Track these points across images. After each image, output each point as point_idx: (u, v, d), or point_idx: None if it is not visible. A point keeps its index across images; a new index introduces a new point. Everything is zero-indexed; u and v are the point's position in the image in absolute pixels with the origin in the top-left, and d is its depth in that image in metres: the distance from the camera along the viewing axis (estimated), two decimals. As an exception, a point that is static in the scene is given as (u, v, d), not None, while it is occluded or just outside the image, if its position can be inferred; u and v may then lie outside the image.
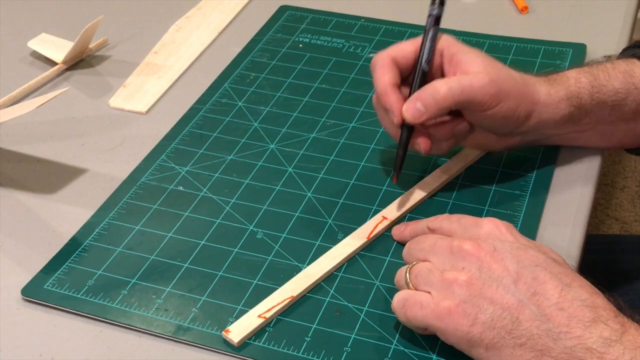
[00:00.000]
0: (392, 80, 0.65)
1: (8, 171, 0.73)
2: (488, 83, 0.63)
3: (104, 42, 0.90)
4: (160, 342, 0.58)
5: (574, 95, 0.66)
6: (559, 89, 0.66)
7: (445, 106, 0.63)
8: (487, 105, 0.63)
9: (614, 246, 0.88)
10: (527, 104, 0.65)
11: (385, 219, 0.65)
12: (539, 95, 0.65)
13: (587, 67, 0.68)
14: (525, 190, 0.68)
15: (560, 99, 0.66)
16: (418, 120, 0.63)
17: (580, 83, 0.66)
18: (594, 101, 0.66)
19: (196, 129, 0.77)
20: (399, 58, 0.66)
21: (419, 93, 0.63)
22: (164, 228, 0.66)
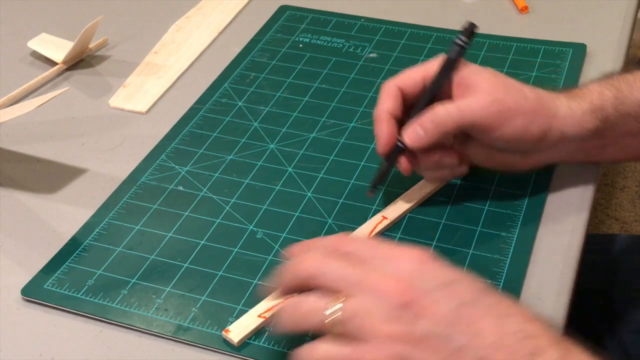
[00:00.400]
0: (390, 110, 0.64)
1: (8, 171, 0.73)
2: (490, 104, 0.61)
3: (104, 42, 0.90)
4: (160, 342, 0.58)
5: (599, 108, 0.64)
6: (582, 103, 0.64)
7: (445, 130, 0.62)
8: (491, 126, 0.62)
9: (614, 246, 0.87)
10: (540, 120, 0.63)
11: (385, 218, 0.65)
12: (559, 109, 0.64)
13: (609, 80, 0.67)
14: (525, 190, 0.68)
15: (583, 112, 0.64)
16: (417, 144, 0.63)
17: (604, 96, 0.65)
18: (618, 113, 0.65)
19: (196, 129, 0.77)
20: (406, 86, 0.65)
21: (419, 118, 0.63)
22: (164, 228, 0.66)
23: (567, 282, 0.60)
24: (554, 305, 0.59)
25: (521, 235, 0.64)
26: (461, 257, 0.62)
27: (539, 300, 0.59)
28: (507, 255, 0.62)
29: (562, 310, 0.58)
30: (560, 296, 0.59)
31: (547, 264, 0.62)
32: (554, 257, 0.62)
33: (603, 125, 0.65)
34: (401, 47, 0.87)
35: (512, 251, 0.62)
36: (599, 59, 0.84)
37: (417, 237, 0.64)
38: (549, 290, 0.60)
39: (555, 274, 0.61)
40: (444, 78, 0.64)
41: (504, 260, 0.62)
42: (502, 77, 0.64)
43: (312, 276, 0.51)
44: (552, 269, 0.61)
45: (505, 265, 0.61)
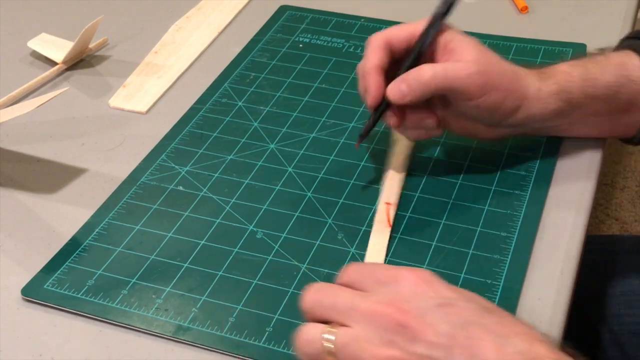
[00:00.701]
0: (379, 63, 0.65)
1: (8, 171, 0.73)
2: (475, 73, 0.63)
3: (104, 42, 0.90)
4: (160, 342, 0.58)
5: (564, 90, 0.66)
6: (550, 84, 0.66)
7: (429, 90, 0.63)
8: (472, 95, 0.63)
9: (613, 246, 0.87)
10: (514, 97, 0.65)
11: (389, 204, 0.66)
12: (529, 89, 0.65)
13: (580, 61, 0.68)
14: (525, 190, 0.68)
15: (550, 93, 0.65)
16: (401, 101, 0.64)
17: (571, 77, 0.66)
18: (584, 95, 0.66)
19: (196, 129, 0.77)
20: (394, 41, 0.66)
21: (405, 75, 0.64)
22: (164, 228, 0.66)
23: (567, 282, 0.60)
24: (553, 305, 0.59)
25: (521, 235, 0.64)
26: (461, 257, 0.62)
27: (539, 300, 0.59)
28: (507, 255, 0.62)
29: (562, 311, 0.58)
30: (560, 296, 0.59)
31: (547, 264, 0.62)
32: (554, 257, 0.62)
33: (567, 107, 0.66)
34: (401, 47, 0.87)
35: (512, 251, 0.62)
36: (599, 59, 0.84)
37: (417, 237, 0.64)
38: (549, 290, 0.60)
39: (555, 274, 0.61)
40: (431, 36, 0.65)
41: (504, 260, 0.62)
42: (485, 48, 0.66)
43: (310, 308, 0.51)
44: (552, 269, 0.61)
45: (505, 265, 0.61)
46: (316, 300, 0.51)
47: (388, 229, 0.65)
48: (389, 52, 0.66)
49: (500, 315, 0.49)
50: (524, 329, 0.48)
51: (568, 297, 0.59)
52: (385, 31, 0.67)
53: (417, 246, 0.63)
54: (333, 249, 0.64)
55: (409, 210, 0.67)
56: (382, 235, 0.64)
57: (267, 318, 0.58)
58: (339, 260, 0.63)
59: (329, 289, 0.51)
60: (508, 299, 0.59)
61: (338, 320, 0.49)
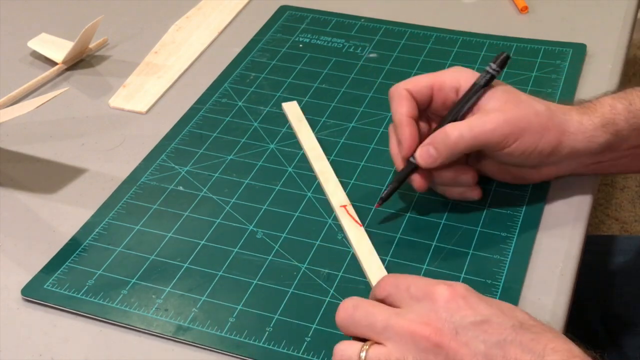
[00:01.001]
0: (410, 113, 0.64)
1: (8, 171, 0.73)
2: (502, 124, 0.61)
3: (104, 42, 0.90)
4: (160, 342, 0.58)
5: (610, 122, 0.64)
6: (592, 117, 0.64)
7: (458, 151, 0.62)
8: (503, 145, 0.62)
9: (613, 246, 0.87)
10: (550, 137, 0.63)
11: (345, 206, 0.66)
12: (569, 125, 0.63)
13: (622, 93, 0.66)
14: (525, 190, 0.68)
15: (594, 126, 0.64)
16: (431, 165, 0.63)
17: (616, 109, 0.64)
18: (630, 127, 0.64)
19: (196, 129, 0.77)
20: (414, 92, 0.65)
21: (431, 138, 0.63)
22: (164, 228, 0.66)
23: (567, 283, 0.60)
24: (553, 305, 0.59)
25: (521, 235, 0.64)
26: (461, 257, 0.62)
27: (539, 301, 0.59)
28: (507, 255, 0.62)
29: (562, 311, 0.58)
30: (560, 296, 0.59)
31: (547, 264, 0.62)
32: (554, 257, 0.62)
33: (614, 139, 0.64)
34: (401, 47, 0.87)
35: (512, 251, 0.62)
36: (599, 59, 0.84)
37: (417, 238, 0.64)
38: (549, 290, 0.60)
39: (555, 274, 0.61)
40: (469, 105, 0.64)
41: (504, 260, 0.62)
42: (514, 92, 0.64)
43: (345, 326, 0.51)
44: (552, 270, 0.61)
45: (505, 265, 0.61)
46: (351, 317, 0.51)
47: (361, 228, 0.65)
48: (414, 102, 0.65)
49: (535, 331, 0.48)
50: (560, 345, 0.47)
51: (568, 297, 0.59)
52: (407, 82, 0.66)
53: (417, 246, 0.63)
54: (333, 249, 0.64)
55: (409, 210, 0.67)
56: (361, 238, 0.64)
57: (267, 318, 0.58)
58: (339, 260, 0.63)
59: (364, 306, 0.51)
60: (508, 299, 0.58)
61: (373, 339, 0.50)
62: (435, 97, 0.65)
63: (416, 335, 0.48)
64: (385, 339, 0.49)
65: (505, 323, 0.48)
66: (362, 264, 0.62)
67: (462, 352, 0.47)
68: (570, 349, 0.47)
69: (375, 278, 0.60)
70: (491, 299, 0.51)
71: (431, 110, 0.67)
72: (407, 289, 0.51)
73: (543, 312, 0.58)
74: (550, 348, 0.47)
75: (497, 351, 0.47)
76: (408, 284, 0.52)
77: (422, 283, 0.51)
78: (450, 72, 0.66)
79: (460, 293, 0.50)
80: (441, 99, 0.65)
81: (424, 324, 0.48)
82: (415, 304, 0.50)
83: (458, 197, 0.67)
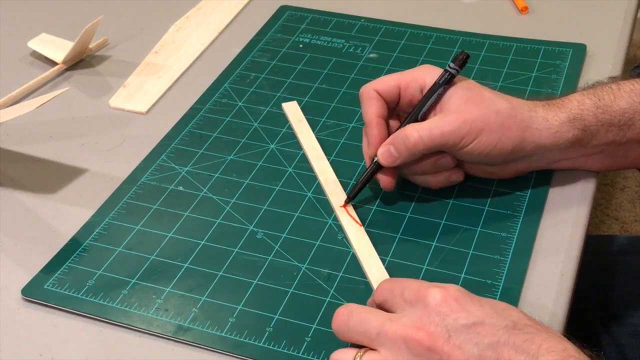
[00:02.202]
0: (378, 113, 0.66)
1: (8, 171, 0.73)
2: (460, 125, 0.62)
3: (104, 42, 0.90)
4: (160, 342, 0.58)
5: (577, 117, 0.64)
6: (559, 113, 0.64)
7: (417, 152, 0.64)
8: (461, 145, 0.63)
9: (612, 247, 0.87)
10: (511, 134, 0.63)
11: (344, 206, 0.67)
12: (533, 121, 0.64)
13: (591, 89, 0.67)
14: (525, 190, 0.68)
15: (561, 122, 0.64)
16: (392, 164, 0.64)
17: (584, 105, 0.65)
18: (599, 122, 0.65)
19: (196, 129, 0.77)
20: (383, 92, 0.66)
21: (392, 138, 0.64)
22: (164, 228, 0.66)
23: (567, 283, 0.60)
24: (553, 305, 0.59)
25: (521, 235, 0.64)
26: (461, 258, 0.62)
27: (539, 301, 0.59)
28: (507, 255, 0.62)
29: (562, 311, 0.58)
30: (560, 296, 0.59)
31: (547, 264, 0.62)
32: (554, 257, 0.62)
33: (583, 135, 0.65)
34: (401, 48, 0.87)
35: (512, 251, 0.63)
36: (599, 59, 0.84)
37: (417, 238, 0.64)
38: (549, 290, 0.60)
39: (555, 274, 0.61)
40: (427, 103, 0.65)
41: (504, 260, 0.62)
42: (476, 90, 0.65)
43: (340, 333, 0.52)
44: (552, 270, 0.61)
45: (505, 265, 0.61)
46: (345, 324, 0.51)
47: (361, 228, 0.65)
48: (383, 101, 0.66)
49: (529, 331, 0.48)
50: (555, 345, 0.47)
51: (568, 297, 0.59)
52: (373, 83, 0.67)
53: (417, 246, 0.63)
54: (333, 249, 0.64)
55: (409, 210, 0.67)
56: (361, 238, 0.64)
57: (267, 318, 0.58)
58: (339, 260, 0.63)
59: (358, 313, 0.51)
60: (508, 299, 0.58)
61: (368, 345, 0.50)
62: (402, 96, 0.67)
63: (409, 340, 0.48)
64: (379, 344, 0.50)
65: (498, 324, 0.48)
66: (362, 264, 0.62)
67: (455, 355, 0.47)
68: (565, 348, 0.47)
69: (375, 278, 0.60)
70: (485, 299, 0.51)
71: (399, 108, 0.68)
72: (402, 294, 0.51)
73: (543, 312, 0.58)
74: (545, 348, 0.47)
75: (491, 353, 0.47)
76: (402, 288, 0.52)
77: (415, 287, 0.51)
78: (417, 71, 0.67)
79: (452, 295, 0.50)
80: (408, 97, 0.67)
81: (417, 329, 0.48)
82: (409, 308, 0.50)
83: (444, 183, 0.67)
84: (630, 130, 0.65)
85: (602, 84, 0.67)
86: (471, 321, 0.48)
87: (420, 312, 0.49)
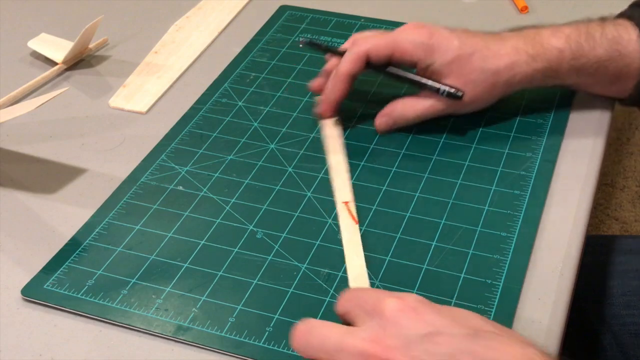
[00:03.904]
0: (353, 72, 0.72)
1: (8, 171, 0.73)
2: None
3: (104, 42, 0.90)
4: (160, 342, 0.58)
5: (552, 67, 0.70)
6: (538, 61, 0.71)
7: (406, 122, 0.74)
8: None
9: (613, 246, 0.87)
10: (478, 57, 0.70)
11: (347, 203, 0.67)
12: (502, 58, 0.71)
13: (576, 30, 0.71)
14: (525, 190, 0.68)
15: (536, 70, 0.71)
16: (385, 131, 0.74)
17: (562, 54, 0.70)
18: (571, 68, 0.70)
19: (196, 129, 0.77)
20: (372, 56, 0.72)
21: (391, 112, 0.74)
22: (164, 228, 0.66)
23: (566, 283, 0.60)
24: (553, 305, 0.59)
25: (521, 235, 0.64)
26: (461, 257, 0.62)
27: (539, 301, 0.59)
28: (507, 255, 0.62)
29: (561, 311, 0.58)
30: (560, 296, 0.59)
31: (547, 264, 0.62)
32: (554, 257, 0.62)
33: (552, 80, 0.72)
34: (401, 47, 0.87)
35: (512, 251, 0.63)
36: (599, 59, 0.83)
37: (417, 238, 0.64)
38: (549, 290, 0.60)
39: (555, 274, 0.61)
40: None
41: (504, 260, 0.62)
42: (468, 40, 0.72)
43: (301, 351, 0.50)
44: (552, 270, 0.61)
45: (505, 265, 0.61)
46: (305, 341, 0.50)
47: (356, 226, 0.65)
48: (365, 63, 0.72)
49: (490, 337, 0.46)
50: (517, 350, 0.45)
51: (568, 297, 0.59)
52: (368, 42, 0.72)
53: (416, 246, 0.63)
54: (333, 249, 0.64)
55: (409, 210, 0.67)
56: (353, 234, 0.64)
57: (267, 318, 0.58)
58: (339, 260, 0.63)
59: (318, 328, 0.50)
60: (508, 299, 0.59)
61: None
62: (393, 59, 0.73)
63: (367, 355, 0.47)
64: None
65: (457, 333, 0.47)
66: (345, 259, 0.62)
67: None
68: (525, 353, 0.45)
69: (352, 276, 0.61)
70: (445, 307, 0.49)
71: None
72: (361, 305, 0.50)
73: (543, 313, 0.58)
74: (506, 354, 0.45)
75: None
76: (361, 299, 0.50)
77: (373, 298, 0.50)
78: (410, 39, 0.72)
79: (410, 305, 0.48)
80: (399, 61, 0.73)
81: (374, 342, 0.47)
82: (368, 320, 0.49)
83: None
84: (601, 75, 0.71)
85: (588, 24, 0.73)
86: (430, 331, 0.47)
87: (378, 325, 0.48)
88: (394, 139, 0.74)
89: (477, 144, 0.73)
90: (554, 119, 0.75)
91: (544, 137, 0.73)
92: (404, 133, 0.75)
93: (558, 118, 0.76)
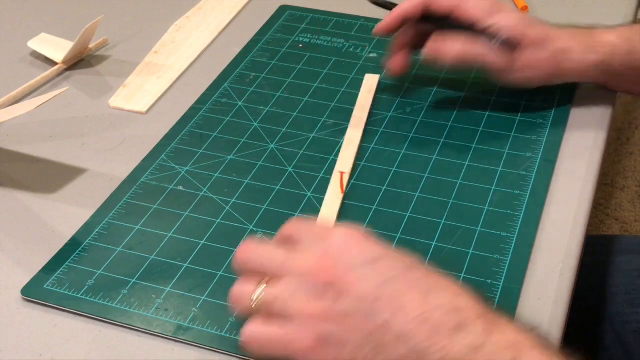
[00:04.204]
0: (410, 15, 0.75)
1: (8, 171, 0.73)
2: None
3: (104, 42, 0.90)
4: (160, 342, 0.58)
5: (605, 62, 0.72)
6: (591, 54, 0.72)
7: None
8: None
9: (613, 246, 0.87)
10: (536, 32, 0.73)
11: (343, 173, 0.69)
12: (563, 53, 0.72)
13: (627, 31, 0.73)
14: (525, 190, 0.68)
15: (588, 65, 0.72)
16: None
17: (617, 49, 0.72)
18: (625, 67, 0.72)
19: (196, 128, 0.77)
20: (433, 7, 0.74)
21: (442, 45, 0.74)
22: (164, 228, 0.66)
23: (567, 283, 0.60)
24: (553, 305, 0.59)
25: (521, 235, 0.64)
26: (461, 257, 0.62)
27: (539, 301, 0.59)
28: (507, 255, 0.62)
29: (562, 311, 0.58)
30: (560, 296, 0.59)
31: (547, 264, 0.62)
32: (554, 257, 0.62)
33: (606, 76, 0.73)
34: (401, 47, 0.87)
35: (512, 251, 0.63)
36: (599, 59, 0.83)
37: (417, 237, 0.64)
38: (549, 290, 0.60)
39: (555, 274, 0.61)
40: None
41: (504, 260, 0.62)
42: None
43: (243, 262, 0.53)
44: (552, 269, 0.61)
45: (505, 265, 0.61)
46: (248, 258, 0.53)
47: (341, 195, 0.67)
48: (424, 10, 0.74)
49: (426, 272, 0.50)
50: (448, 284, 0.50)
51: (568, 297, 0.59)
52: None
53: (417, 246, 0.63)
54: (333, 249, 0.64)
55: (409, 210, 0.67)
56: (335, 200, 0.67)
57: (267, 318, 0.58)
58: (339, 260, 0.63)
59: (261, 246, 0.53)
60: (508, 299, 0.59)
61: (270, 274, 0.51)
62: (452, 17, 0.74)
63: (310, 272, 0.50)
64: (282, 274, 0.51)
65: (396, 263, 0.50)
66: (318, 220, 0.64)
67: (353, 286, 0.48)
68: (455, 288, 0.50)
69: None
70: (385, 243, 0.52)
71: None
72: (307, 232, 0.53)
73: (543, 312, 0.58)
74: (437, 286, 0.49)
75: (387, 286, 0.48)
76: (309, 227, 0.54)
77: (321, 226, 0.55)
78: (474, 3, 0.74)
79: (355, 235, 0.51)
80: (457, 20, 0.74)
81: (320, 259, 0.50)
82: (312, 244, 0.52)
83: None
84: None
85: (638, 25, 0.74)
86: (373, 256, 0.50)
87: (324, 248, 0.51)
88: (394, 139, 0.74)
89: (477, 144, 0.73)
90: (554, 119, 0.75)
91: (544, 137, 0.73)
92: (404, 133, 0.75)
93: (558, 118, 0.76)
